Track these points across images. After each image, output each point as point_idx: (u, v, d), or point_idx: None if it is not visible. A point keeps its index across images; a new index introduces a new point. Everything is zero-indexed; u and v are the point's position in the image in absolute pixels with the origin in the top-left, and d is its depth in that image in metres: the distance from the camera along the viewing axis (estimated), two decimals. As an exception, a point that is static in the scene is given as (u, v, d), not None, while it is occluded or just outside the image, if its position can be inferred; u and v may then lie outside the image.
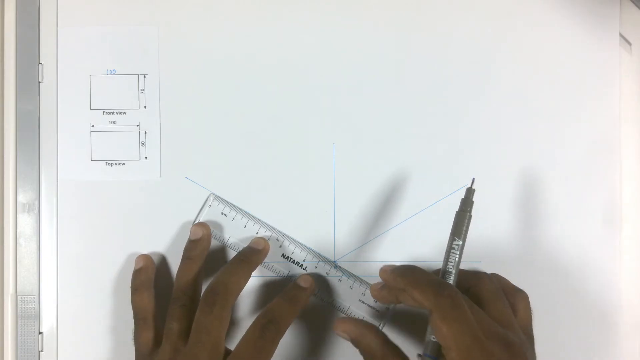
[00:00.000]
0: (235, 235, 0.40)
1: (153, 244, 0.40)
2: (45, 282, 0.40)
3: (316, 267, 0.40)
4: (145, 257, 0.39)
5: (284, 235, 0.40)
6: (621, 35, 0.41)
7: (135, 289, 0.38)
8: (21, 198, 0.40)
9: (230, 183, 0.40)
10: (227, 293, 0.35)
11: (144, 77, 0.41)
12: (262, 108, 0.41)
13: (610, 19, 0.41)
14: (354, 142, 0.41)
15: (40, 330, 0.40)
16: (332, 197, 0.40)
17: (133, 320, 0.38)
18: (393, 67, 0.41)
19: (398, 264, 0.35)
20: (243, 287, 0.36)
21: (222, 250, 0.40)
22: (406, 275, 0.33)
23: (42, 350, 0.40)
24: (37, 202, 0.40)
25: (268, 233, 0.40)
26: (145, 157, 0.41)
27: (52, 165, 0.40)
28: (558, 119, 0.41)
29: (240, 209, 0.40)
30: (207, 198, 0.40)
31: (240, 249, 0.39)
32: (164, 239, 0.40)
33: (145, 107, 0.41)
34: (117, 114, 0.41)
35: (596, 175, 0.41)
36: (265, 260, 0.39)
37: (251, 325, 0.35)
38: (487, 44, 0.41)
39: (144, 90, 0.41)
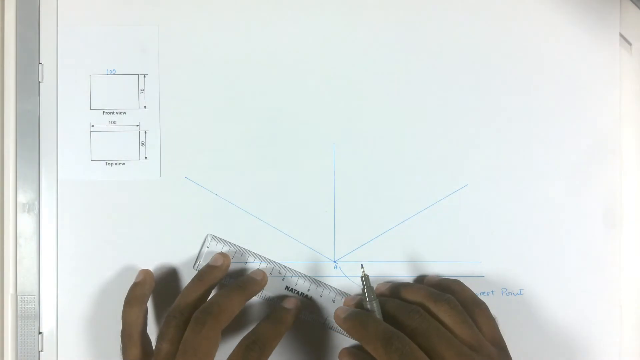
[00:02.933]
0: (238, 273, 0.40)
1: (153, 244, 0.40)
2: (45, 282, 0.40)
3: (321, 295, 0.40)
4: (145, 272, 0.39)
5: (285, 267, 0.40)
6: (621, 35, 0.41)
7: (128, 301, 0.38)
8: (21, 198, 0.40)
9: (230, 183, 0.40)
10: (220, 314, 0.34)
11: (144, 77, 0.41)
12: (262, 108, 0.41)
13: (610, 19, 0.41)
14: (354, 142, 0.41)
15: (40, 330, 0.40)
16: (332, 197, 0.40)
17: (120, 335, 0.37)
18: (393, 67, 0.41)
19: (383, 279, 0.36)
20: (236, 313, 0.35)
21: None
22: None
23: (42, 350, 0.40)
24: (37, 202, 0.40)
25: (270, 266, 0.40)
26: (145, 157, 0.41)
27: (52, 165, 0.40)
28: (558, 119, 0.41)
29: (239, 246, 0.40)
30: (205, 239, 0.40)
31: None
32: (164, 239, 0.40)
33: (145, 107, 0.41)
34: (117, 114, 0.41)
35: (596, 175, 0.41)
36: (269, 294, 0.39)
37: (236, 347, 0.34)
38: (487, 44, 0.41)
39: (144, 90, 0.41)
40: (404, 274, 0.40)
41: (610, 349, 0.41)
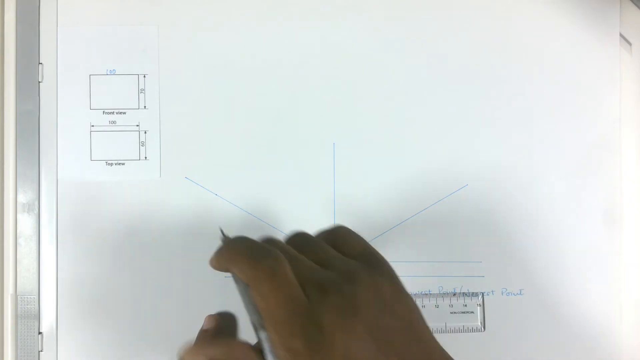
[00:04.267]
0: None
1: (153, 244, 0.40)
2: (45, 282, 0.40)
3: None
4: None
5: None
6: (621, 35, 0.41)
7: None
8: (21, 198, 0.40)
9: (230, 183, 0.40)
10: None
11: (144, 77, 0.41)
12: (262, 108, 0.41)
13: (610, 19, 0.41)
14: (354, 142, 0.41)
15: (40, 330, 0.40)
16: (332, 197, 0.40)
17: None
18: (393, 67, 0.41)
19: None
20: None
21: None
22: (223, 253, 0.27)
23: (42, 350, 0.40)
24: (37, 202, 0.40)
25: None
26: (145, 157, 0.41)
27: (52, 165, 0.40)
28: (558, 119, 0.41)
29: None
30: None
31: None
32: (164, 239, 0.40)
33: (145, 107, 0.41)
34: (117, 114, 0.41)
35: (596, 175, 0.41)
36: None
37: None
38: (487, 44, 0.41)
39: (144, 90, 0.41)
40: (403, 274, 0.40)
41: (610, 349, 0.41)
